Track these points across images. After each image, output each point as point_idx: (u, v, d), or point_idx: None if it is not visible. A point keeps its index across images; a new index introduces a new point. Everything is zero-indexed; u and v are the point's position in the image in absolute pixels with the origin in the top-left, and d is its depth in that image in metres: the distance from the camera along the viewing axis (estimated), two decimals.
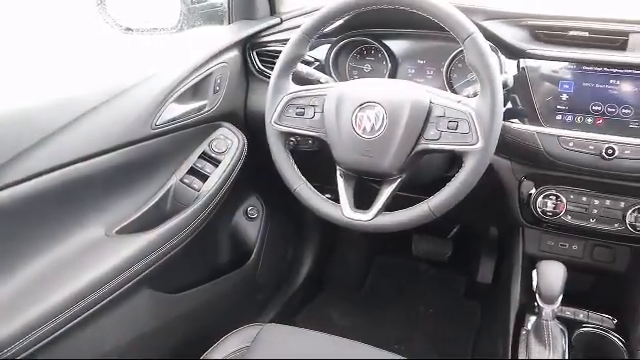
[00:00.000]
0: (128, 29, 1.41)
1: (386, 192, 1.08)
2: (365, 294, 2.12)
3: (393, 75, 1.37)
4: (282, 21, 1.56)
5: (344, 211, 1.09)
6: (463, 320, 1.93)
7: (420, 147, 1.04)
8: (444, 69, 1.29)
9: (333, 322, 1.99)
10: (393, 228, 1.07)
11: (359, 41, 1.40)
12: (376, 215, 1.07)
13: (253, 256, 1.70)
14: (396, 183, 1.08)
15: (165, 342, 1.36)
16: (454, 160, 1.25)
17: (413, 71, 1.36)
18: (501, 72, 1.20)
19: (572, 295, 1.34)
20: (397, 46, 1.38)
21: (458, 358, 1.77)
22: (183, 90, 1.29)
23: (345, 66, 1.44)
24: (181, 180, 1.34)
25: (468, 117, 1.00)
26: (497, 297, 1.61)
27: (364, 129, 1.07)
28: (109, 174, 1.15)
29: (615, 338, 1.22)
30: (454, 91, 1.30)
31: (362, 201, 1.12)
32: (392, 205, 1.10)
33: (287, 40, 1.16)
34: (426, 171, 1.22)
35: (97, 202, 1.17)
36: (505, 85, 1.11)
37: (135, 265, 1.15)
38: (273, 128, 1.16)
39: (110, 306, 1.11)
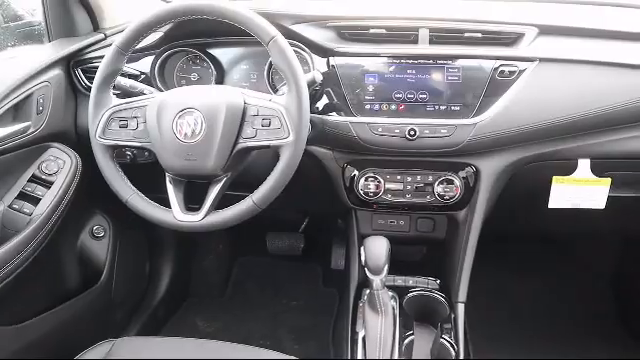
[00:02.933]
0: None
1: (214, 192, 1.14)
2: (229, 297, 2.16)
3: (220, 82, 1.43)
4: (106, 37, 1.56)
5: (175, 215, 1.14)
6: (323, 308, 2.04)
7: (240, 146, 1.11)
8: (265, 72, 1.37)
9: (199, 329, 2.01)
10: (222, 225, 1.13)
11: (183, 51, 1.44)
12: (206, 215, 1.13)
13: (104, 275, 1.68)
14: (222, 182, 1.14)
15: None
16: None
17: (238, 76, 1.43)
18: (313, 70, 1.30)
19: (406, 265, 1.49)
20: (221, 54, 1.44)
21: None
22: (1, 112, 1.25)
23: (173, 76, 1.47)
24: (9, 206, 1.29)
25: (279, 114, 1.09)
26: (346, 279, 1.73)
27: (185, 134, 1.11)
28: None
29: (439, 296, 1.37)
30: (277, 92, 1.38)
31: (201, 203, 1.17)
32: (228, 204, 1.15)
33: None
34: (255, 168, 1.29)
35: None
36: (314, 82, 1.21)
37: None
38: (98, 142, 1.17)
39: None
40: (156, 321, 1.96)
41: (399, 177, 1.36)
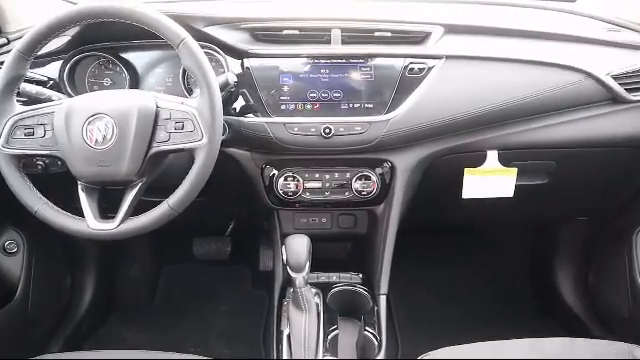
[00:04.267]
0: None
1: (129, 198, 1.12)
2: (157, 306, 2.12)
3: (135, 86, 1.40)
4: (9, 41, 1.49)
5: (89, 224, 1.11)
6: (253, 310, 2.04)
7: (153, 150, 1.10)
8: (180, 75, 1.36)
9: (127, 342, 1.95)
10: (139, 231, 1.11)
11: (94, 56, 1.40)
12: (121, 222, 1.10)
13: (19, 292, 1.60)
14: (137, 188, 1.12)
15: None
16: None
17: (154, 80, 1.41)
18: (227, 71, 1.30)
19: (332, 262, 1.52)
20: (135, 58, 1.41)
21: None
22: None
23: (84, 82, 1.43)
24: None
25: (192, 116, 1.08)
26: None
27: (96, 141, 1.09)
28: None
29: (362, 290, 1.41)
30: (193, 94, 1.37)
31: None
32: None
33: None
34: (172, 172, 1.27)
35: None
36: (227, 84, 1.22)
37: None
38: (2, 152, 1.12)
39: None
40: (80, 336, 1.89)
41: (317, 175, 1.38)
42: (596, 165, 1.50)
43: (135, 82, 1.40)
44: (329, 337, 1.31)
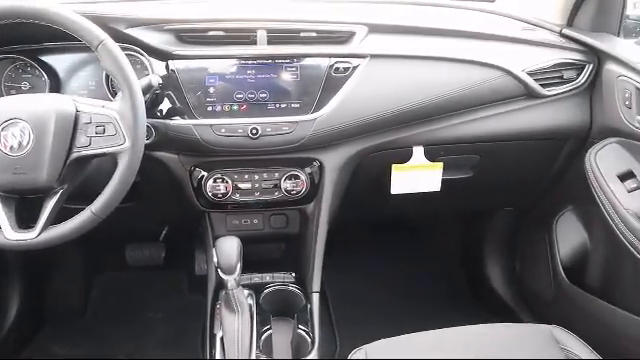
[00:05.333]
0: None
1: (49, 206, 1.08)
2: (90, 318, 2.05)
3: (56, 90, 1.35)
4: None
5: (6, 234, 1.06)
6: (191, 315, 2.00)
7: (74, 155, 1.07)
8: (104, 79, 1.33)
9: (58, 356, 1.88)
10: (61, 240, 1.08)
11: (10, 58, 1.34)
12: (42, 231, 1.06)
13: None
14: (58, 195, 1.09)
15: None
16: None
17: (77, 84, 1.36)
18: (152, 73, 1.28)
19: (266, 263, 1.52)
20: (55, 61, 1.36)
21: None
22: None
23: (0, 86, 1.37)
24: None
25: (113, 120, 1.06)
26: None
27: (11, 147, 1.05)
28: None
29: (295, 289, 1.41)
30: None
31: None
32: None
33: None
34: (98, 178, 1.24)
35: None
36: (151, 86, 1.20)
37: None
38: None
39: None
40: (6, 353, 1.81)
41: (247, 176, 1.38)
42: (516, 157, 1.57)
43: (56, 86, 1.35)
44: (263, 337, 1.31)
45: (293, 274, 1.48)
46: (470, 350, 1.12)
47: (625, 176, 1.33)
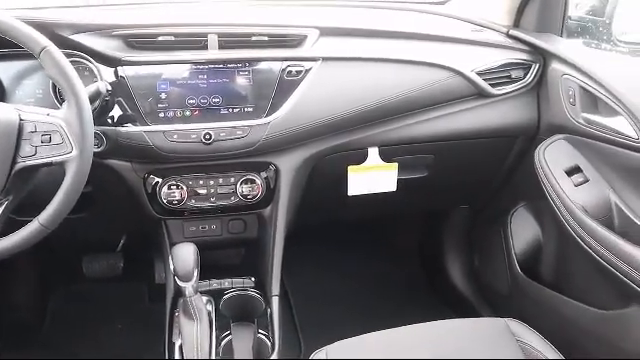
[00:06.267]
0: None
1: None
2: (46, 333, 1.99)
3: (1, 99, 1.32)
4: None
5: None
6: (152, 324, 1.97)
7: (19, 166, 1.04)
8: (51, 87, 1.30)
9: None
10: (8, 252, 1.05)
11: None
12: None
13: None
14: (3, 207, 1.06)
15: None
16: None
17: (22, 93, 1.32)
18: (100, 80, 1.26)
19: (225, 269, 1.51)
20: None
21: None
22: None
23: None
24: None
25: (59, 128, 1.04)
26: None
27: None
28: None
29: (254, 293, 1.41)
30: None
31: None
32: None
33: None
34: (48, 188, 1.21)
35: None
36: (99, 93, 1.18)
37: None
38: None
39: None
40: None
41: (202, 182, 1.37)
42: (469, 156, 1.60)
43: (0, 95, 1.32)
44: (222, 343, 1.30)
45: (253, 279, 1.47)
46: (428, 346, 1.14)
47: (572, 171, 1.38)
